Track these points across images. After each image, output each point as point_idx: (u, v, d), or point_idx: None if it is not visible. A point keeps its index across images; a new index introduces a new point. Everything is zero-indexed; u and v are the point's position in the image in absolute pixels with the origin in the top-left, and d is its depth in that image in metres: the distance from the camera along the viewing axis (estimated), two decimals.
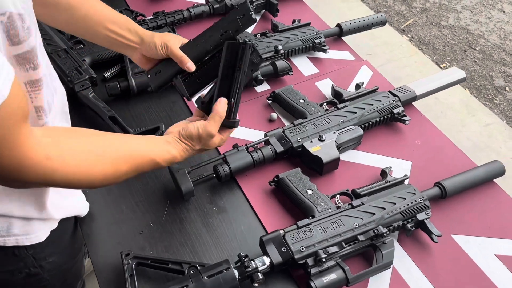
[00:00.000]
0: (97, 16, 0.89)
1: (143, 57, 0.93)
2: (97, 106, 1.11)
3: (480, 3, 3.21)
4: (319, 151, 1.03)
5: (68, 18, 0.88)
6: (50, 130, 0.68)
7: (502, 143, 2.31)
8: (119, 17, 0.91)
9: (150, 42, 0.90)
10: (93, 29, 0.90)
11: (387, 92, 1.18)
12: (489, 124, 2.39)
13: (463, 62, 2.80)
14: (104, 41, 0.92)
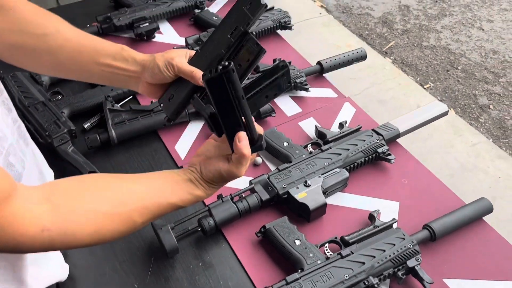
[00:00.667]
0: (85, 52, 0.79)
1: (150, 86, 0.82)
2: (76, 161, 1.08)
3: (460, 22, 3.26)
4: (305, 198, 1.01)
5: (52, 61, 0.79)
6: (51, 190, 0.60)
7: (489, 162, 2.31)
8: (111, 47, 0.81)
9: (152, 66, 0.78)
10: (85, 67, 0.80)
11: (370, 131, 1.17)
12: (475, 143, 2.40)
13: (446, 81, 2.83)
14: (101, 78, 0.83)
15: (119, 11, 1.50)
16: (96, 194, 0.62)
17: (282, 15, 1.52)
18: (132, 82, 0.82)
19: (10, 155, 0.68)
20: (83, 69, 0.81)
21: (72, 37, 0.79)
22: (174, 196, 0.69)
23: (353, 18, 3.30)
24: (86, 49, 0.79)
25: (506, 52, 3.03)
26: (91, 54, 0.79)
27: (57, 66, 0.81)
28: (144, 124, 1.18)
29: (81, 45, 0.79)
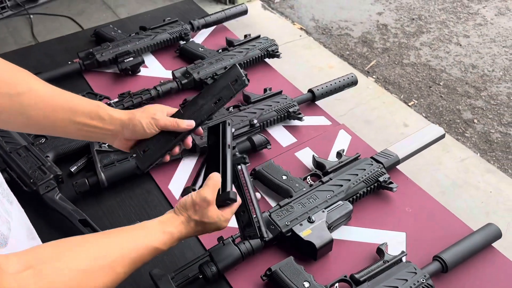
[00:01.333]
0: (60, 110, 0.76)
1: (127, 141, 0.84)
2: (65, 209, 1.02)
3: (437, 38, 3.32)
4: (310, 235, 0.97)
5: (24, 121, 0.75)
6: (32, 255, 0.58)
7: (479, 177, 2.32)
8: (87, 105, 0.79)
9: (134, 124, 0.80)
10: (59, 126, 0.78)
11: (369, 159, 1.14)
12: (464, 159, 2.41)
13: (429, 98, 2.85)
14: (78, 135, 0.81)
15: (101, 46, 1.46)
16: (76, 251, 0.62)
17: (269, 44, 1.50)
18: (108, 139, 0.83)
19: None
20: (57, 127, 0.78)
21: (45, 95, 0.76)
22: (149, 240, 0.70)
23: (333, 39, 3.32)
24: (60, 108, 0.76)
25: (485, 66, 3.08)
26: (66, 113, 0.77)
27: (30, 124, 0.77)
28: (134, 165, 1.12)
29: (55, 104, 0.76)
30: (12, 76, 0.73)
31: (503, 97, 2.85)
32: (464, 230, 1.04)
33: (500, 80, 2.97)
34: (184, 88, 1.38)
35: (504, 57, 3.16)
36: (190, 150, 1.19)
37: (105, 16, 3.32)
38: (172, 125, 0.82)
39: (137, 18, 1.74)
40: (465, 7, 3.66)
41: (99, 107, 0.80)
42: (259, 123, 1.24)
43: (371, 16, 3.55)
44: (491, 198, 2.22)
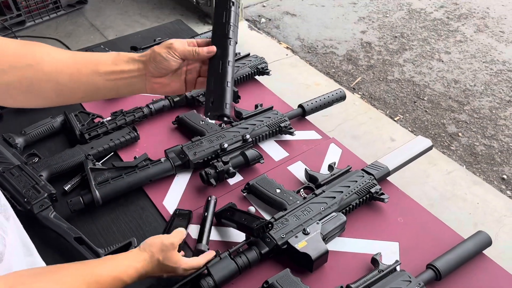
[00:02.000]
0: (84, 67, 0.76)
1: (156, 79, 0.81)
2: (60, 227, 1.01)
3: (420, 55, 3.41)
4: (306, 247, 0.98)
5: (54, 87, 0.75)
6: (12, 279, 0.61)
7: (466, 189, 2.36)
8: (107, 55, 0.79)
9: (154, 56, 0.79)
10: (88, 83, 0.77)
11: (361, 171, 1.16)
12: (450, 171, 2.45)
13: (414, 113, 2.91)
14: (106, 90, 0.79)
15: None
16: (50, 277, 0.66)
17: (259, 61, 1.53)
18: (138, 83, 0.80)
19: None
20: (87, 85, 0.77)
21: (66, 58, 0.76)
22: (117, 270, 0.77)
23: (319, 58, 3.38)
24: (83, 65, 0.76)
25: (466, 81, 3.17)
26: (90, 68, 0.76)
27: (60, 91, 0.76)
28: (129, 182, 1.13)
29: (77, 63, 0.76)
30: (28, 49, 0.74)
31: (486, 111, 2.93)
32: (455, 239, 1.06)
33: (482, 94, 3.06)
34: (176, 105, 1.40)
35: (484, 72, 3.26)
36: (184, 166, 1.20)
37: (93, 38, 3.34)
38: (190, 53, 0.80)
39: (128, 38, 1.77)
40: (445, 25, 3.77)
41: (119, 53, 0.80)
42: (252, 138, 1.26)
43: (355, 34, 3.64)
44: (479, 209, 2.26)
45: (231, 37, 0.80)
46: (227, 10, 0.81)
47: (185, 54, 0.80)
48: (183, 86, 0.84)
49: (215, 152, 1.21)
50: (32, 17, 3.39)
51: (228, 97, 0.77)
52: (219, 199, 1.14)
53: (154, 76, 0.80)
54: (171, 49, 0.79)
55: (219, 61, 0.79)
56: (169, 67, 0.80)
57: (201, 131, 1.27)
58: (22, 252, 0.77)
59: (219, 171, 1.15)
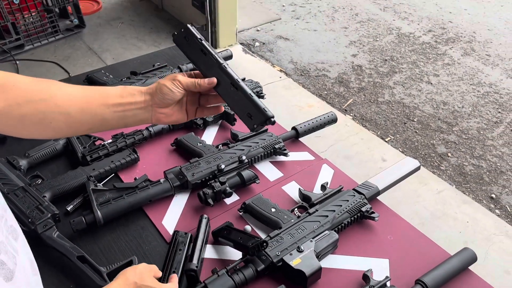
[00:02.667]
0: (93, 100, 0.82)
1: (162, 110, 0.87)
2: (63, 246, 1.05)
3: (409, 77, 3.51)
4: (300, 264, 1.02)
5: (65, 119, 0.80)
6: None
7: (456, 208, 2.42)
8: (114, 89, 0.85)
9: (160, 88, 0.85)
10: (97, 114, 0.82)
11: (352, 191, 1.22)
12: (440, 191, 2.51)
13: (405, 134, 2.99)
14: (114, 121, 0.84)
15: None
16: None
17: (254, 85, 1.60)
18: (143, 113, 0.86)
19: (1, 253, 0.66)
20: (96, 117, 0.82)
21: (76, 92, 0.82)
22: None
23: (311, 80, 3.47)
24: (93, 98, 0.82)
25: (455, 102, 3.26)
26: (99, 100, 0.82)
27: (71, 123, 0.81)
28: (129, 202, 1.17)
29: (87, 96, 0.82)
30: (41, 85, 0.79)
31: (474, 132, 3.01)
32: (443, 255, 1.11)
33: (470, 116, 3.15)
34: (175, 128, 1.45)
35: (472, 94, 3.36)
36: (182, 187, 1.25)
37: (90, 61, 3.41)
38: (193, 84, 0.86)
39: (127, 63, 1.83)
40: (433, 49, 3.90)
41: (126, 87, 0.86)
42: (248, 159, 1.31)
43: (346, 58, 3.75)
44: (469, 228, 2.31)
45: (222, 62, 0.86)
46: (202, 45, 0.88)
47: (189, 85, 0.87)
48: (185, 115, 0.91)
49: (213, 172, 1.26)
50: (31, 41, 3.46)
51: (260, 103, 0.83)
52: (217, 218, 1.19)
53: (159, 106, 0.86)
54: (176, 81, 0.85)
55: (229, 85, 0.85)
56: (174, 97, 0.86)
57: (199, 152, 1.33)
58: (31, 273, 0.80)
59: (217, 191, 1.20)
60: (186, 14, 3.76)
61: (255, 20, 4.24)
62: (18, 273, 0.71)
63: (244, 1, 4.49)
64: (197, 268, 1.02)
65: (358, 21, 4.30)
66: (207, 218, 1.15)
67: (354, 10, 4.50)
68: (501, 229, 2.30)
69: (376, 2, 4.67)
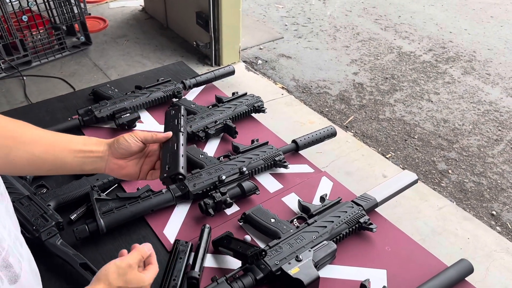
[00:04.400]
0: (58, 143, 0.88)
1: (116, 161, 0.92)
2: (66, 254, 1.07)
3: (410, 95, 3.55)
4: (298, 273, 1.03)
5: (29, 157, 0.84)
6: None
7: (457, 224, 2.42)
8: (78, 137, 0.92)
9: (117, 140, 0.92)
10: (59, 157, 0.87)
11: (350, 202, 1.24)
12: (441, 207, 2.52)
13: (405, 150, 3.01)
14: (73, 166, 0.90)
15: (99, 104, 1.57)
16: None
17: (255, 100, 1.64)
18: (100, 162, 0.92)
19: (9, 256, 0.69)
20: (57, 159, 0.87)
21: (43, 134, 0.87)
22: None
23: (313, 97, 3.52)
24: (58, 141, 0.88)
25: (455, 120, 3.29)
26: (63, 144, 0.88)
27: (33, 161, 0.86)
28: (132, 211, 1.19)
29: (52, 139, 0.88)
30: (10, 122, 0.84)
31: (474, 149, 3.03)
32: (440, 267, 1.12)
33: (470, 133, 3.17)
34: None
35: (472, 112, 3.39)
36: (184, 197, 1.27)
37: (96, 77, 3.47)
38: (150, 136, 0.94)
39: (132, 78, 1.88)
40: (434, 67, 3.95)
41: (89, 138, 0.94)
42: (248, 171, 1.34)
43: (348, 76, 3.80)
44: (469, 244, 2.32)
45: (183, 131, 0.97)
46: (178, 118, 1.00)
47: (146, 137, 0.94)
48: (137, 173, 0.96)
49: (214, 183, 1.28)
50: (38, 57, 3.54)
51: (182, 162, 0.90)
52: (217, 228, 1.21)
53: (114, 157, 0.92)
54: (133, 133, 0.94)
55: (174, 143, 0.94)
56: (129, 148, 0.92)
57: (200, 164, 1.35)
58: (34, 280, 0.82)
59: (217, 201, 1.22)
60: (190, 32, 3.84)
61: (258, 38, 4.32)
62: (23, 278, 0.73)
63: (248, 20, 4.59)
64: (199, 276, 1.04)
65: (359, 40, 4.37)
66: (209, 228, 1.17)
67: (355, 30, 4.57)
68: (502, 245, 2.30)
69: (377, 21, 4.75)
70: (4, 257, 0.67)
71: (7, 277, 0.68)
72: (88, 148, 0.90)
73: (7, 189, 1.15)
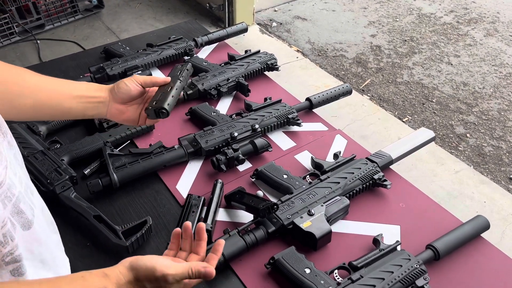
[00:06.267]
0: (61, 89, 0.90)
1: (117, 106, 0.95)
2: (80, 206, 1.08)
3: (429, 58, 3.45)
4: (310, 227, 1.03)
5: (34, 103, 0.86)
6: None
7: (473, 188, 2.39)
8: (81, 83, 0.94)
9: (118, 86, 0.94)
10: (62, 102, 0.90)
11: (365, 159, 1.22)
12: (458, 171, 2.48)
13: (423, 114, 2.95)
14: (76, 111, 0.92)
15: (111, 61, 1.55)
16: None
17: (268, 58, 1.60)
18: (102, 107, 0.94)
19: (20, 202, 0.69)
20: (61, 105, 0.89)
21: (46, 80, 0.89)
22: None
23: (328, 60, 3.45)
24: (61, 87, 0.90)
25: (475, 83, 3.20)
26: (67, 90, 0.90)
27: (37, 107, 0.87)
28: (144, 167, 1.19)
29: (56, 85, 0.90)
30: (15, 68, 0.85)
31: (494, 113, 2.95)
32: (455, 223, 1.11)
33: (491, 97, 3.08)
34: (189, 98, 1.47)
35: (494, 75, 3.28)
36: (196, 153, 1.27)
37: (109, 41, 3.44)
38: (149, 79, 0.96)
39: (144, 36, 1.85)
40: (454, 29, 3.81)
41: (91, 83, 0.96)
42: (261, 129, 1.32)
43: (365, 38, 3.70)
44: (486, 207, 2.28)
45: (181, 80, 1.00)
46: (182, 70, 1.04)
47: (145, 80, 0.96)
48: (137, 118, 0.98)
49: (226, 140, 1.27)
50: (51, 21, 3.51)
51: (170, 100, 0.94)
52: (229, 184, 1.21)
53: (115, 102, 0.94)
54: (133, 77, 0.95)
55: (169, 86, 0.97)
56: (129, 92, 0.94)
57: (212, 121, 1.34)
58: (49, 229, 0.83)
59: (229, 157, 1.21)
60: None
61: (273, 0, 4.21)
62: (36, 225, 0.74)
63: None
64: (211, 228, 1.04)
65: (377, 2, 4.22)
66: (222, 183, 1.16)
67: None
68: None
69: None
70: (14, 203, 0.67)
71: (20, 223, 0.69)
72: (91, 94, 0.92)
73: (21, 144, 1.16)
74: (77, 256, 1.02)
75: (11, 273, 0.62)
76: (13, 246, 0.61)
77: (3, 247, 0.60)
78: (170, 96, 0.94)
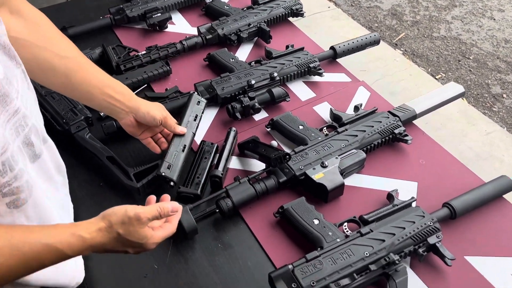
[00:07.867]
0: (94, 80, 0.92)
1: (132, 123, 0.99)
2: (94, 147, 1.09)
3: (470, 12, 3.23)
4: (322, 178, 1.01)
5: (65, 82, 0.89)
6: None
7: (504, 151, 2.29)
8: (115, 82, 0.96)
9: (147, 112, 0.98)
10: (90, 93, 0.92)
11: (386, 113, 1.16)
12: (489, 132, 2.37)
13: (458, 72, 2.80)
14: (101, 105, 0.95)
15: (131, 3, 1.52)
16: None
17: (293, 2, 1.52)
18: (121, 114, 0.98)
19: (32, 134, 0.69)
20: (88, 94, 0.92)
21: (85, 65, 0.91)
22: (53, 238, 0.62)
23: (362, 11, 3.28)
24: (95, 77, 0.92)
25: None
26: (98, 83, 0.93)
27: (67, 86, 0.91)
28: None
29: (91, 73, 0.92)
30: (63, 42, 0.89)
31: None
32: (477, 182, 1.06)
33: None
34: (208, 43, 1.43)
35: None
36: (211, 100, 1.24)
37: None
38: (171, 124, 1.03)
39: None
40: None
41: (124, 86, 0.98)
42: (280, 77, 1.27)
43: None
44: None
45: (195, 132, 1.08)
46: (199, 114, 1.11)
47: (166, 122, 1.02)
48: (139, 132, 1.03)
49: (243, 88, 1.24)
50: None
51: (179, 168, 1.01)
52: (244, 133, 1.18)
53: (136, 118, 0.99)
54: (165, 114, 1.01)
55: (184, 143, 1.05)
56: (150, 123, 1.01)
57: (230, 68, 1.30)
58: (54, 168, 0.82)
59: (245, 106, 1.18)
60: None
61: None
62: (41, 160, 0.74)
63: None
64: (222, 175, 1.03)
65: None
66: (235, 131, 1.14)
67: None
68: None
69: None
70: (27, 133, 0.67)
71: (28, 154, 0.69)
72: (118, 97, 0.95)
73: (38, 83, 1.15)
74: (89, 193, 1.04)
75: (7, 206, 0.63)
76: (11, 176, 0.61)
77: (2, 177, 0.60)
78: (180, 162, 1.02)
